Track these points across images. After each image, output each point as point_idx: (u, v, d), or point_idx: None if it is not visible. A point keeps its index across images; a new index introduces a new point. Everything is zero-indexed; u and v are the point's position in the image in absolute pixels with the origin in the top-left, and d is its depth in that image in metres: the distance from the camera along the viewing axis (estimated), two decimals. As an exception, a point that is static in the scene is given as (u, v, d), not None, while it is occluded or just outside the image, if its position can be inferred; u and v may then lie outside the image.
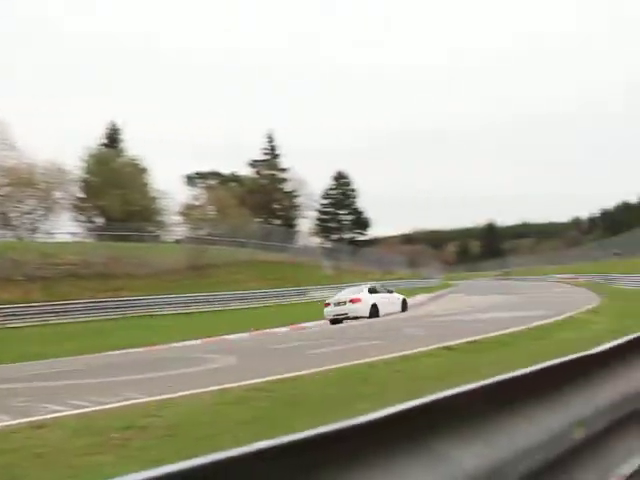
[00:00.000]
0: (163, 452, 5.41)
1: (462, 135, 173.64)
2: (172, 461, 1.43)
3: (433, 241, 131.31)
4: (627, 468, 2.63)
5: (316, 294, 42.80)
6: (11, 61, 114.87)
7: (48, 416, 7.46)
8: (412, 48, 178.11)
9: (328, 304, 27.38)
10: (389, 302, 28.59)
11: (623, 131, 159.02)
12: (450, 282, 72.19)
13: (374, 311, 26.77)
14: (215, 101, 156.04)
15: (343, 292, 29.02)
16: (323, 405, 7.24)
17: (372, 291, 28.30)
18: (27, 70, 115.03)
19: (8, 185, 51.26)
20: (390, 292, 30.05)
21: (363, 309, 26.70)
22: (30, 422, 7.03)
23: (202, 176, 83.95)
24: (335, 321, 26.35)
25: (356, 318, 25.99)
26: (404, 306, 29.72)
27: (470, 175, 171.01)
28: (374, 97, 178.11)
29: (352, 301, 26.83)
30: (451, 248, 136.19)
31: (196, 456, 1.42)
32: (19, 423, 7.06)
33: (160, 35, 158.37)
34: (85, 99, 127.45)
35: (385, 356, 11.25)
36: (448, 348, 11.89)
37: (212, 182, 78.36)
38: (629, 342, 2.77)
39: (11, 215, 53.16)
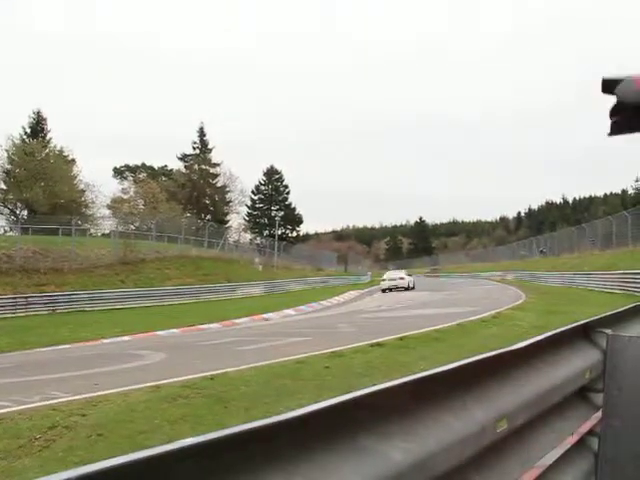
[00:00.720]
0: (90, 452, 5.31)
1: (396, 134, 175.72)
2: (98, 462, 1.40)
3: (364, 238, 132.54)
4: (547, 459, 2.73)
5: (246, 290, 42.68)
6: None
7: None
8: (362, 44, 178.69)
9: (384, 280, 45.12)
10: (412, 281, 45.37)
11: (551, 134, 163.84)
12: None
13: (409, 286, 43.89)
14: (147, 94, 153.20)
15: (390, 272, 48.87)
16: (253, 402, 7.24)
17: (406, 274, 46.69)
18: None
19: None
20: (410, 275, 47.29)
21: (405, 284, 43.82)
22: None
23: (131, 169, 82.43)
24: (386, 290, 43.04)
25: (401, 288, 42.81)
26: (414, 285, 44.99)
27: (402, 173, 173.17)
28: (305, 93, 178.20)
29: (400, 278, 44.75)
30: (382, 245, 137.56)
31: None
32: None
33: (70, 23, 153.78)
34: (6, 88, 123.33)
35: (315, 353, 11.31)
36: (378, 344, 12.02)
37: (141, 175, 76.96)
38: (547, 338, 2.87)
39: None
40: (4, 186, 58.33)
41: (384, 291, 42.75)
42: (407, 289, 42.92)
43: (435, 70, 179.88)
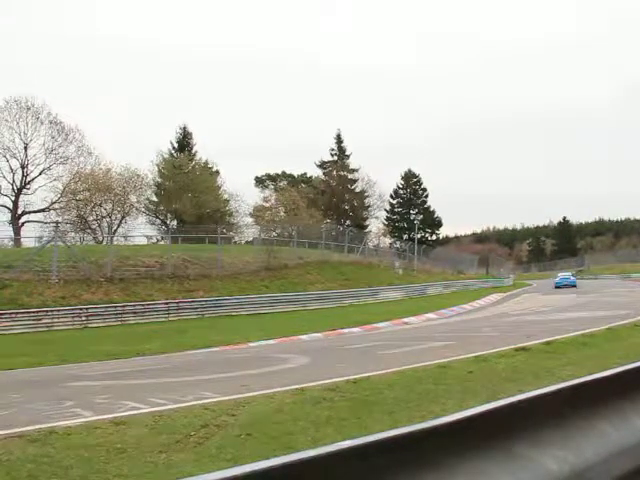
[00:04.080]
0: (240, 451, 5.51)
1: (533, 131, 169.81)
2: (249, 460, 1.47)
3: (505, 240, 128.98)
4: None
5: (387, 294, 42.67)
6: (74, 69, 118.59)
7: (128, 413, 7.72)
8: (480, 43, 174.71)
9: (558, 276, 58.81)
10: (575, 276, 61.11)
11: None
12: (524, 281, 70.87)
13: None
14: (283, 103, 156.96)
15: (562, 273, 63.66)
16: (396, 406, 7.23)
17: (572, 274, 61.88)
18: (95, 78, 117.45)
19: (86, 190, 53.19)
20: (574, 275, 61.87)
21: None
22: (111, 419, 7.27)
23: (272, 178, 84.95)
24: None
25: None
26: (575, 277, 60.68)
27: (542, 172, 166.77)
28: (442, 93, 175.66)
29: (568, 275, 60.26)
30: (524, 247, 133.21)
31: (272, 455, 1.46)
32: (101, 419, 7.32)
33: (221, 37, 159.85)
34: (153, 106, 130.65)
35: (458, 357, 11.15)
36: (523, 349, 11.68)
37: (282, 184, 79.09)
38: None
39: (90, 219, 55.12)
40: (156, 198, 62.01)
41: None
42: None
43: (561, 66, 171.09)
